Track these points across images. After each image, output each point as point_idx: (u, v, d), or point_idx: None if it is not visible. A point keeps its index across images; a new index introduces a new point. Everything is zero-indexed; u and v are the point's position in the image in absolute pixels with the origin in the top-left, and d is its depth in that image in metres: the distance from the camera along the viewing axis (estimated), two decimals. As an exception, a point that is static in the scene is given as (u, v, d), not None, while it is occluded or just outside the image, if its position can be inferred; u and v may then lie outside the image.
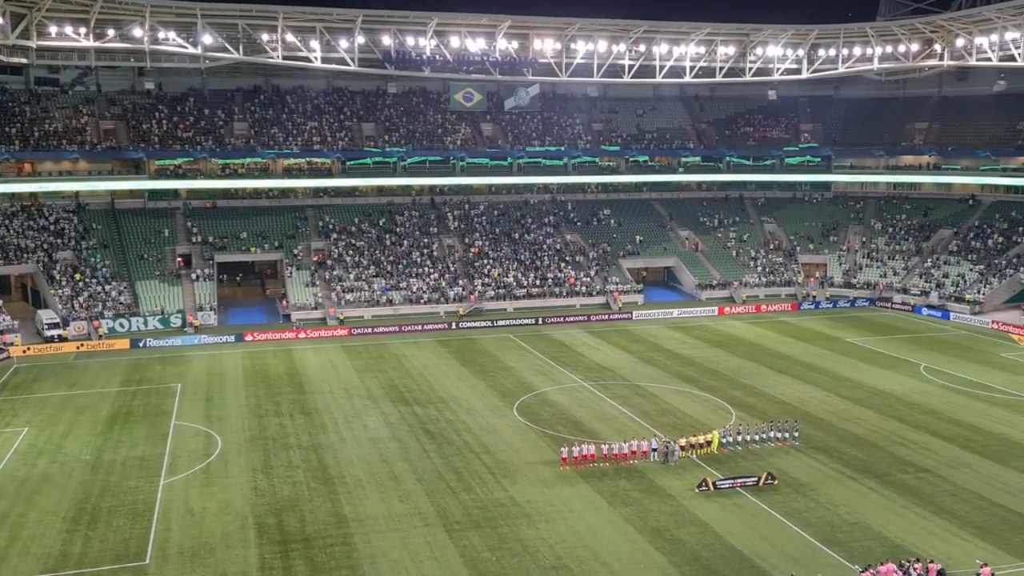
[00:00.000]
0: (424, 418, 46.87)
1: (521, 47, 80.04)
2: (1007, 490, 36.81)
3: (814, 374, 56.15)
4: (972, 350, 63.17)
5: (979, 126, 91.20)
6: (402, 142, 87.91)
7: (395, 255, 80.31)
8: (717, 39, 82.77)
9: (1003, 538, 32.35)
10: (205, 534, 32.35)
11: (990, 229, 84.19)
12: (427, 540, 31.93)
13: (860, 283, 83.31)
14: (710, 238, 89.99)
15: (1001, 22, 74.83)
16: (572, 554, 30.86)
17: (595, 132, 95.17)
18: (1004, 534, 32.69)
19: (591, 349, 63.73)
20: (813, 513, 34.48)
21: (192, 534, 32.34)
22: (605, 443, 40.38)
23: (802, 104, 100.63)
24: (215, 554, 30.75)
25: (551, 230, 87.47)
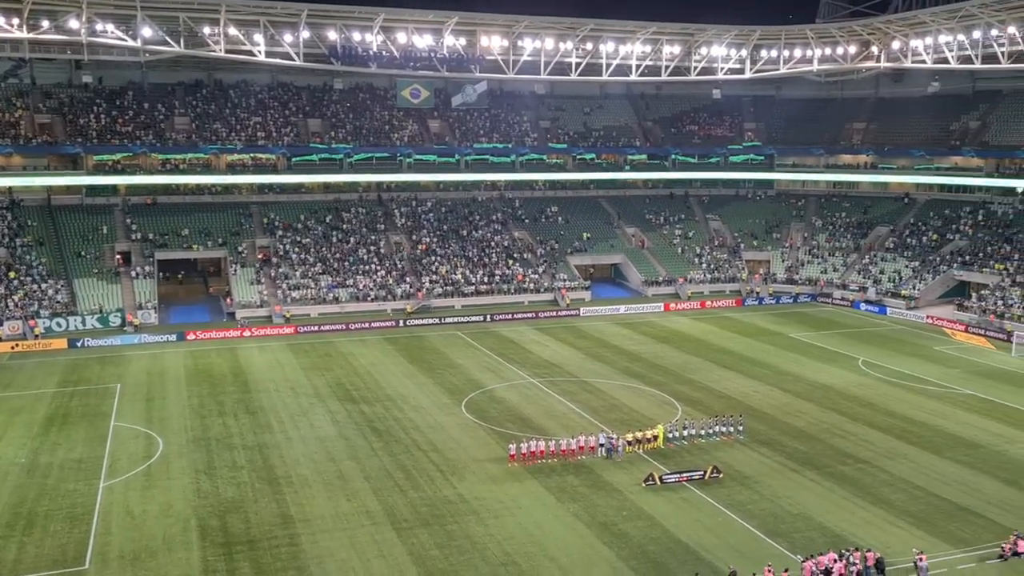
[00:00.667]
0: (372, 416, 46.60)
1: (469, 44, 79.91)
2: (941, 480, 37.86)
3: (758, 369, 57.09)
4: (907, 344, 64.81)
5: (914, 126, 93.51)
6: (349, 138, 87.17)
7: (342, 252, 79.65)
8: (662, 38, 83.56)
9: (937, 526, 33.27)
10: (146, 537, 31.76)
11: (925, 227, 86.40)
12: (375, 539, 31.77)
13: (802, 279, 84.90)
14: (656, 235, 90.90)
15: (935, 25, 76.77)
16: (520, 550, 30.97)
17: (542, 130, 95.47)
18: (938, 522, 33.62)
19: (539, 346, 63.96)
20: (757, 505, 35.08)
21: (133, 537, 31.73)
22: (553, 439, 40.59)
23: (745, 103, 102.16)
24: (156, 557, 30.21)
25: (499, 227, 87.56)
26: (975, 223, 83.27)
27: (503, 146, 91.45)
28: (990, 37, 73.51)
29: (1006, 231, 79.94)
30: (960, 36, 75.32)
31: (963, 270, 77.92)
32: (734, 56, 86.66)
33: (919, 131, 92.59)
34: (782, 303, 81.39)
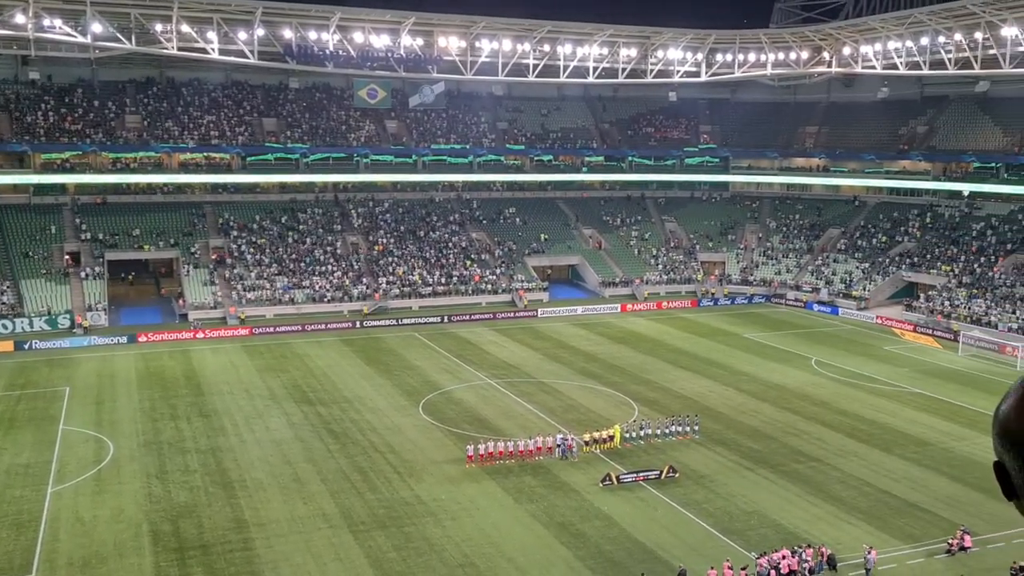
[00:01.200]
0: (328, 418, 46.24)
1: (426, 44, 79.75)
2: (891, 476, 38.60)
3: (713, 369, 57.70)
4: (858, 344, 65.97)
5: (864, 131, 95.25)
6: (305, 138, 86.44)
7: (298, 253, 78.94)
8: (619, 41, 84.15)
9: (887, 522, 33.91)
10: (96, 543, 31.15)
11: (874, 229, 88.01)
12: (331, 542, 31.52)
13: (756, 280, 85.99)
14: (613, 236, 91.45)
15: (885, 32, 78.33)
16: (478, 551, 30.95)
17: (500, 131, 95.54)
18: (888, 518, 34.27)
19: (497, 347, 63.98)
20: (712, 504, 35.45)
21: (82, 544, 31.10)
22: (510, 440, 40.63)
23: (701, 106, 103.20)
24: (107, 563, 29.65)
25: (456, 228, 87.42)
26: (923, 225, 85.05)
27: (461, 147, 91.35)
28: (937, 44, 75.19)
29: (952, 233, 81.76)
30: (908, 43, 76.94)
31: (911, 271, 79.54)
32: (690, 59, 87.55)
33: (869, 135, 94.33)
34: (737, 304, 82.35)
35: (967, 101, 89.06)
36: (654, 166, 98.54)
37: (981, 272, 74.05)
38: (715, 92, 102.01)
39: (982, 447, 42.24)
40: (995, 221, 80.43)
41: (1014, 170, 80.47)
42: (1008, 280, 71.40)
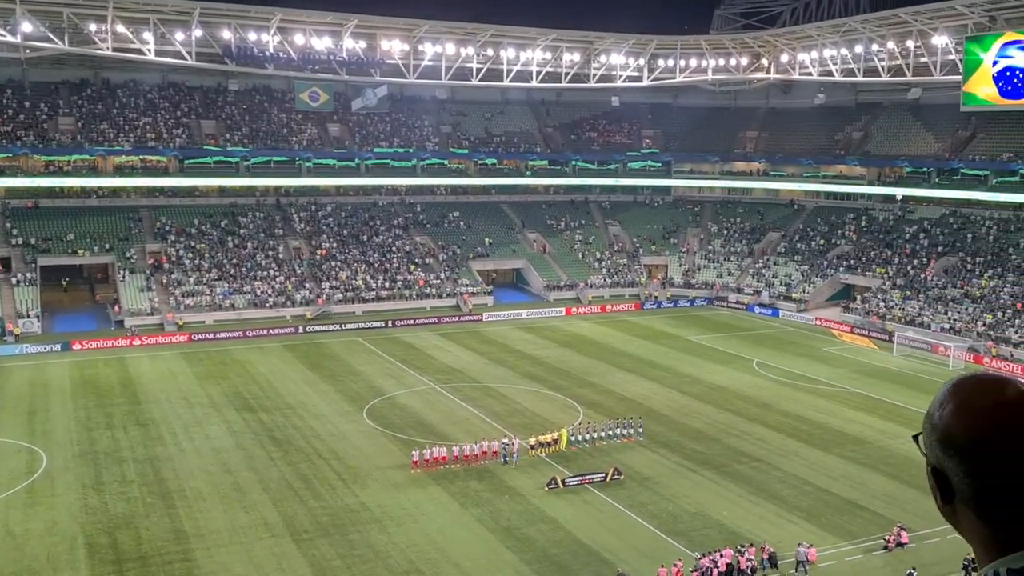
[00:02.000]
0: (270, 425, 45.53)
1: (368, 47, 79.20)
2: (829, 475, 39.33)
3: (657, 371, 58.20)
4: (798, 345, 67.17)
5: (802, 136, 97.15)
6: (245, 141, 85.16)
7: (238, 258, 77.68)
8: (563, 46, 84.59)
9: (827, 520, 34.54)
10: (28, 557, 30.18)
11: (813, 232, 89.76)
12: (274, 551, 31.01)
13: (699, 283, 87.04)
14: (557, 240, 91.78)
15: (821, 40, 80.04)
16: (424, 557, 30.73)
17: (444, 134, 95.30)
18: (827, 516, 34.90)
19: (441, 351, 63.72)
20: (657, 505, 35.72)
21: (13, 558, 30.11)
22: (456, 445, 40.45)
23: (643, 111, 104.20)
24: (41, 577, 28.79)
25: (400, 232, 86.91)
26: (859, 229, 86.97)
27: (404, 150, 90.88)
28: (871, 52, 77.04)
29: (887, 236, 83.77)
30: (843, 50, 78.70)
31: (848, 273, 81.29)
32: (632, 64, 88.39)
33: (807, 140, 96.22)
34: (680, 306, 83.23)
35: (900, 108, 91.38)
36: (597, 170, 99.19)
37: (914, 274, 75.99)
38: (657, 97, 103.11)
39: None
40: (927, 224, 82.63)
41: (945, 175, 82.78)
42: (940, 282, 73.39)
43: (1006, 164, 77.34)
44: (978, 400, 2.15)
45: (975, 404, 2.15)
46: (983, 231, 78.04)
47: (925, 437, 2.24)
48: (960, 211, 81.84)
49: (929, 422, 2.22)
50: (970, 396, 2.17)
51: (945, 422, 2.16)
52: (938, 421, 2.18)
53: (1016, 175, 76.84)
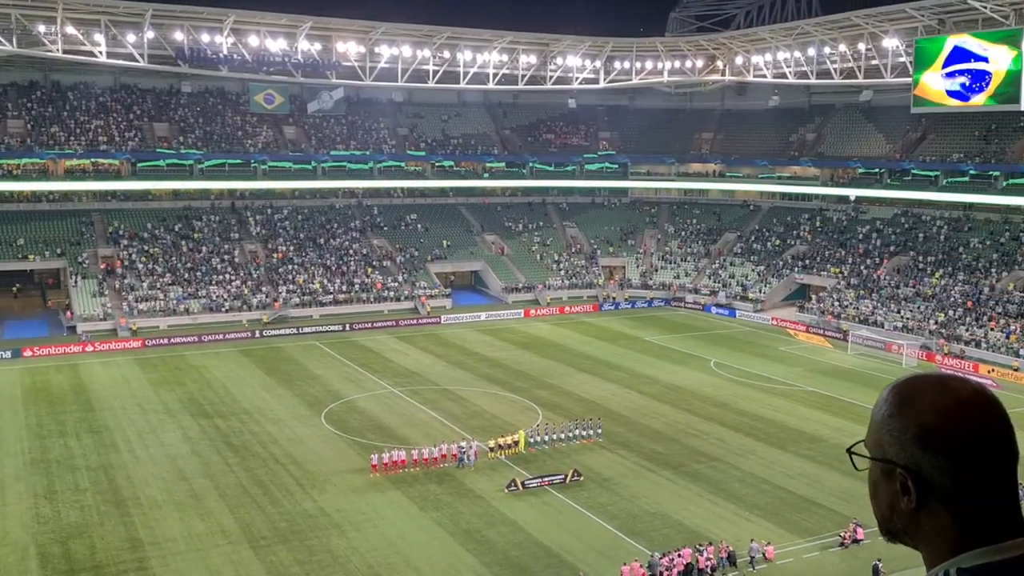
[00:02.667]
0: (227, 431, 44.95)
1: (324, 49, 78.63)
2: (786, 473, 39.81)
3: (615, 372, 58.47)
4: (755, 345, 67.93)
5: (757, 137, 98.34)
6: (199, 144, 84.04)
7: (193, 262, 76.62)
8: (519, 48, 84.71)
9: (784, 517, 34.96)
10: (-22, 569, 29.51)
11: (768, 232, 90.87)
12: (231, 558, 30.62)
13: (656, 284, 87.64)
14: (515, 242, 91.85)
15: (774, 42, 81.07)
16: (383, 561, 30.55)
17: (401, 137, 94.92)
18: (785, 514, 35.33)
19: (400, 354, 63.42)
20: (616, 506, 35.87)
21: (-38, 570, 29.41)
22: (415, 448, 40.28)
23: (600, 113, 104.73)
24: (-10, 590, 28.13)
25: (357, 235, 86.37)
26: (813, 229, 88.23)
27: (361, 153, 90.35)
28: (823, 54, 78.24)
29: (841, 236, 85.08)
30: (797, 53, 79.81)
31: (803, 273, 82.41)
32: (588, 66, 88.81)
33: (762, 142, 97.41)
34: (637, 307, 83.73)
35: (852, 109, 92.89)
36: (555, 172, 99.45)
37: (867, 273, 77.26)
38: (613, 99, 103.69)
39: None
40: (879, 224, 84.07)
41: (896, 176, 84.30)
42: (892, 281, 74.70)
43: (956, 165, 78.97)
44: (950, 395, 2.18)
45: (949, 399, 2.17)
46: (934, 231, 79.60)
47: (892, 437, 2.21)
48: (911, 211, 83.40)
49: (899, 421, 2.20)
50: (939, 393, 2.19)
51: (924, 418, 2.16)
52: (912, 419, 2.17)
53: (965, 176, 78.51)
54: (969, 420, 2.14)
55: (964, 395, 2.17)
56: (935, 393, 2.18)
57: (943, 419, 2.15)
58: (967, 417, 2.14)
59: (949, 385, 2.21)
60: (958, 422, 2.13)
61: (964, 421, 2.13)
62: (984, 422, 2.14)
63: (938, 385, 2.20)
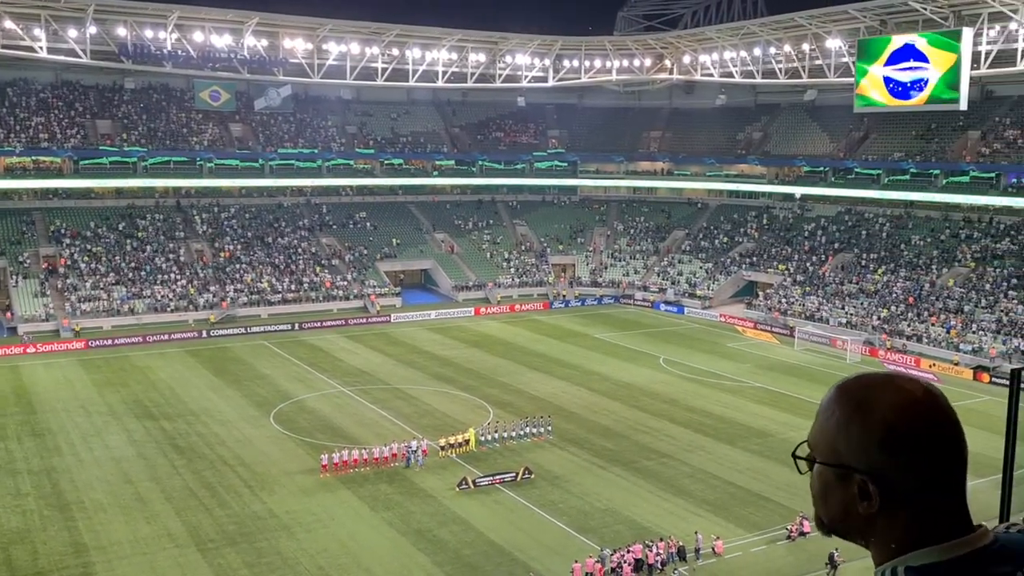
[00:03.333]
0: (173, 433, 44.22)
1: (271, 46, 77.65)
2: (735, 468, 40.36)
3: (565, 370, 58.71)
4: (703, 341, 68.73)
5: (705, 136, 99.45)
6: (143, 141, 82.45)
7: (137, 261, 75.18)
8: (468, 46, 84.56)
9: (733, 512, 35.44)
10: (-87, 579, 28.66)
11: (716, 230, 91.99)
12: (178, 562, 30.16)
13: (605, 282, 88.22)
14: (465, 240, 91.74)
15: (721, 42, 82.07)
16: (334, 562, 30.33)
17: (349, 135, 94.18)
18: (734, 508, 35.82)
19: (349, 353, 62.97)
20: (567, 503, 36.05)
21: None
22: (365, 448, 40.04)
23: (549, 111, 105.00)
24: (-74, 600, 27.33)
25: (306, 233, 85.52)
26: (760, 227, 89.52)
27: (309, 151, 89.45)
28: (769, 54, 79.39)
29: (787, 234, 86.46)
30: (743, 52, 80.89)
31: (751, 271, 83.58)
32: (537, 65, 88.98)
33: (709, 140, 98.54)
34: (587, 305, 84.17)
35: (797, 109, 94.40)
36: (504, 170, 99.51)
37: (813, 270, 78.62)
38: (562, 97, 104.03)
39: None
40: (824, 222, 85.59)
41: (840, 174, 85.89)
42: (837, 278, 76.12)
43: (897, 163, 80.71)
44: (905, 395, 2.16)
45: (905, 399, 2.16)
46: (876, 228, 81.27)
47: (852, 443, 2.16)
48: (855, 209, 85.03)
49: (859, 427, 2.15)
50: (894, 393, 2.17)
51: (885, 422, 2.13)
52: (874, 424, 2.14)
53: (906, 174, 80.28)
54: (927, 419, 2.14)
55: (918, 394, 2.16)
56: (890, 394, 2.17)
57: (904, 421, 2.13)
58: (924, 416, 2.14)
59: (900, 384, 2.19)
60: (918, 422, 2.13)
61: (922, 421, 2.13)
62: (939, 420, 2.14)
63: (890, 385, 2.19)
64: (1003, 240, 71.88)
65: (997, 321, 62.75)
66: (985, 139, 77.91)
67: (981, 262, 70.24)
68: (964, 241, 73.96)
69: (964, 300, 66.67)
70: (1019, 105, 78.75)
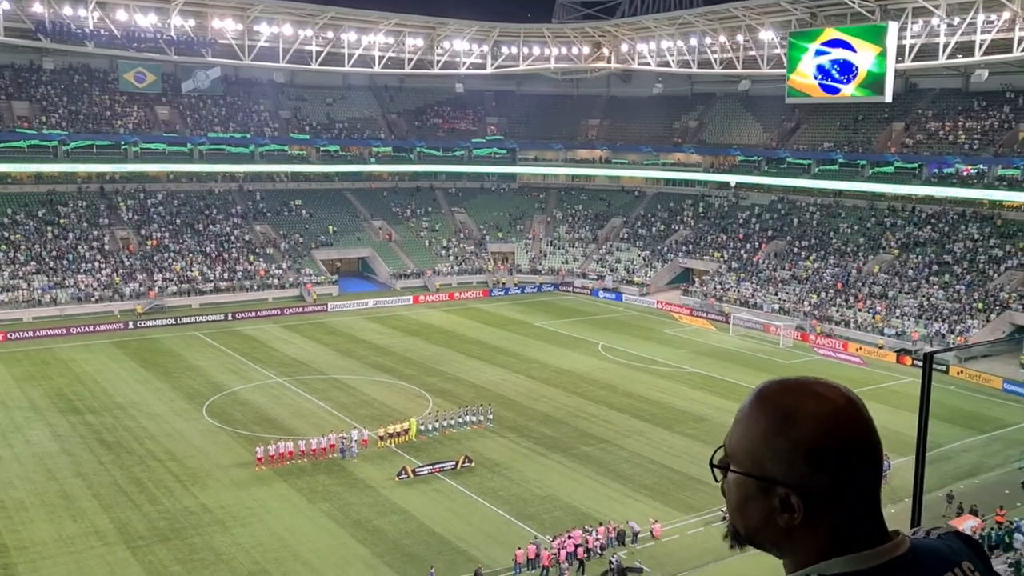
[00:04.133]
0: (99, 427, 42.70)
1: (199, 26, 75.41)
2: (672, 453, 40.61)
3: (505, 357, 58.48)
4: (641, 328, 69.15)
5: (642, 124, 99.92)
6: (63, 124, 79.46)
7: (59, 249, 72.54)
8: (405, 30, 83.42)
9: (670, 496, 35.64)
10: None
11: (653, 218, 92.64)
12: (106, 560, 29.07)
13: (545, 269, 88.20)
14: (403, 228, 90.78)
15: (658, 31, 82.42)
16: (270, 556, 29.58)
17: (283, 120, 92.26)
18: (671, 492, 36.02)
19: (285, 343, 61.73)
20: (507, 490, 35.81)
21: None
22: (303, 439, 39.21)
23: (488, 98, 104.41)
24: None
25: (239, 221, 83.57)
26: (696, 214, 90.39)
27: (241, 136, 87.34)
28: (704, 44, 79.97)
29: (722, 222, 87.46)
30: (679, 42, 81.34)
31: (687, 258, 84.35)
32: (476, 51, 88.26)
33: (647, 129, 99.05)
34: (527, 293, 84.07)
35: (731, 99, 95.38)
36: (442, 157, 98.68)
37: (747, 258, 79.68)
38: (501, 84, 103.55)
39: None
40: (758, 210, 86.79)
41: (773, 163, 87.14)
42: (770, 264, 77.27)
43: (826, 154, 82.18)
44: (829, 405, 2.09)
45: (829, 409, 2.09)
46: (807, 216, 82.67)
47: (778, 456, 2.08)
48: (787, 198, 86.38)
49: (784, 440, 2.06)
50: (817, 403, 2.09)
51: (812, 435, 2.05)
52: (800, 436, 2.06)
53: (835, 164, 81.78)
54: (851, 430, 2.08)
55: (841, 403, 2.10)
56: (814, 404, 2.09)
57: (830, 434, 2.06)
58: (848, 427, 2.08)
59: (823, 394, 2.11)
60: (843, 434, 2.07)
61: (847, 432, 2.08)
62: (862, 431, 2.09)
63: (813, 395, 2.11)
64: (925, 228, 73.77)
65: (919, 306, 64.39)
66: (909, 131, 79.78)
67: (904, 249, 72.02)
68: (889, 229, 75.70)
69: (888, 286, 68.28)
70: (941, 98, 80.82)
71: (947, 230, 72.37)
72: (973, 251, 68.69)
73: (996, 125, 74.46)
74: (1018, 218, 70.26)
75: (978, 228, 70.89)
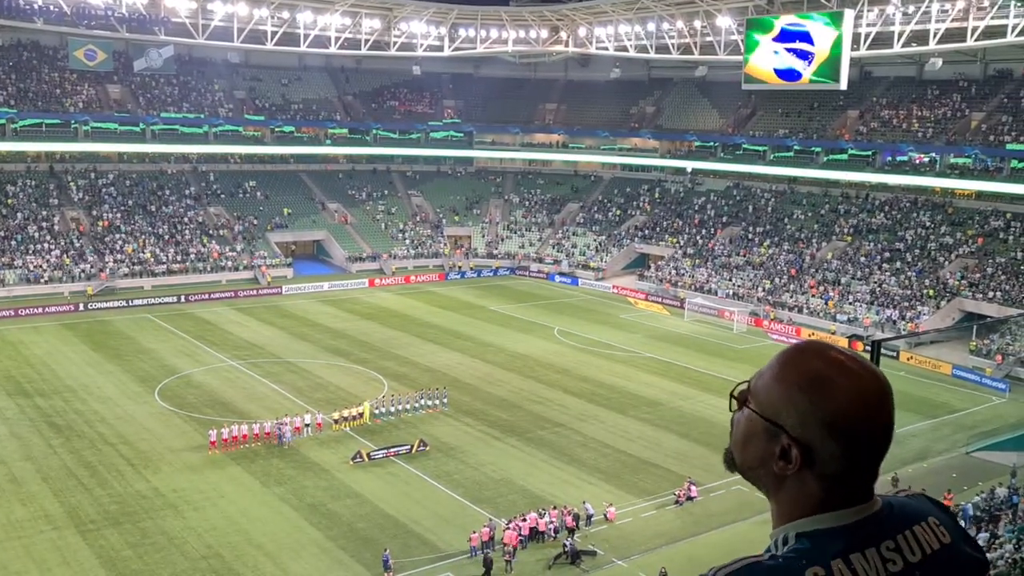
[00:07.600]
0: (49, 411, 42.09)
1: (151, 3, 73.88)
2: (626, 437, 41.12)
3: (461, 341, 58.59)
4: (597, 312, 69.66)
5: (599, 109, 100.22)
6: (11, 102, 77.59)
7: (7, 230, 71.02)
8: (362, 11, 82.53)
9: (624, 479, 36.13)
10: None
11: (610, 203, 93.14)
12: (56, 545, 28.78)
13: (501, 253, 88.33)
14: (359, 211, 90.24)
15: (616, 15, 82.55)
16: (224, 540, 29.51)
17: (238, 100, 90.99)
18: (625, 476, 36.51)
19: (239, 326, 61.21)
20: (463, 474, 36.03)
21: None
22: (256, 422, 39.03)
23: (445, 81, 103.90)
24: None
25: (192, 202, 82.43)
26: (652, 200, 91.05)
27: (195, 116, 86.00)
28: (662, 30, 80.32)
29: (678, 207, 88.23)
30: (637, 27, 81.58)
31: (643, 243, 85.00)
32: (433, 33, 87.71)
33: (604, 114, 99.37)
34: (483, 276, 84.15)
35: (688, 84, 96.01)
36: (399, 140, 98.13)
37: (702, 243, 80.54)
38: (458, 67, 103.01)
39: (705, 404, 45.90)
40: (714, 196, 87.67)
41: (729, 149, 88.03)
42: (725, 250, 78.21)
43: (782, 140, 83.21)
44: (858, 384, 2.16)
45: (857, 388, 2.16)
46: (762, 203, 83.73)
47: (795, 411, 2.17)
48: (743, 184, 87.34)
49: (806, 399, 2.16)
50: (849, 379, 2.17)
51: (834, 407, 2.14)
52: (823, 403, 2.14)
53: (790, 151, 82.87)
54: (873, 418, 2.17)
55: (873, 389, 2.18)
56: (847, 380, 2.16)
57: (853, 415, 2.14)
58: (872, 415, 2.16)
59: (858, 373, 2.19)
60: (864, 419, 2.15)
61: (869, 418, 2.16)
62: (883, 422, 2.18)
63: (848, 371, 2.18)
64: (878, 215, 75.14)
65: (871, 292, 65.69)
66: (863, 118, 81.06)
67: (857, 236, 73.32)
68: (842, 216, 76.97)
69: (841, 272, 69.53)
70: (895, 86, 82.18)
71: (899, 217, 73.76)
72: (924, 238, 70.13)
73: (949, 114, 75.94)
74: (969, 206, 71.80)
75: (930, 216, 72.36)
